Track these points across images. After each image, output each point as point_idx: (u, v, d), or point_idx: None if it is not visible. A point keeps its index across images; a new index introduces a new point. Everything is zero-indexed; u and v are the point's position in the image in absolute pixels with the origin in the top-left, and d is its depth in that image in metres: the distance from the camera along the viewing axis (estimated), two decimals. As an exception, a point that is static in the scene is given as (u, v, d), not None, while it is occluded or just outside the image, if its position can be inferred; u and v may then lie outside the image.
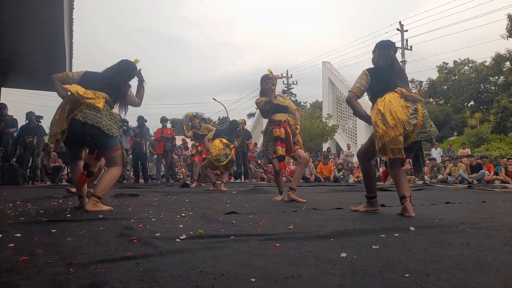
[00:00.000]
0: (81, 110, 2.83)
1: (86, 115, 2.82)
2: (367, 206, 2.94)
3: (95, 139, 2.92)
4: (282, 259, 1.38)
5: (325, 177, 11.49)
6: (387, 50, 2.87)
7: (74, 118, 2.82)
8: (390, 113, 2.56)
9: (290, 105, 4.26)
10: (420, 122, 2.60)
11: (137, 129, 9.50)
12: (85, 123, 2.82)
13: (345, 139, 21.53)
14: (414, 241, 1.74)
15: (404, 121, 2.53)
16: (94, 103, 2.84)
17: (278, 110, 4.15)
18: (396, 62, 2.88)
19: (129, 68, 3.20)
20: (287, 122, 4.14)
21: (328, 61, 24.25)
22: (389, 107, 2.58)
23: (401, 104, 2.59)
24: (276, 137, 4.06)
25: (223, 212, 2.79)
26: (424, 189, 6.53)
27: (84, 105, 2.84)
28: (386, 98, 2.64)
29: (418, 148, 2.85)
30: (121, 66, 3.15)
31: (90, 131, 2.86)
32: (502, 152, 14.39)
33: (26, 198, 3.96)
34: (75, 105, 2.85)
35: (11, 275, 1.17)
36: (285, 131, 4.07)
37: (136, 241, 1.69)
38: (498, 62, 24.54)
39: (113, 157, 2.99)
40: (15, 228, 2.00)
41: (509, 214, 2.86)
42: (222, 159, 6.14)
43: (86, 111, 2.83)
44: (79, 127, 2.84)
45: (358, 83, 2.82)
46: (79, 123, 2.82)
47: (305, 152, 4.73)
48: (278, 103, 4.15)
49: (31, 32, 6.11)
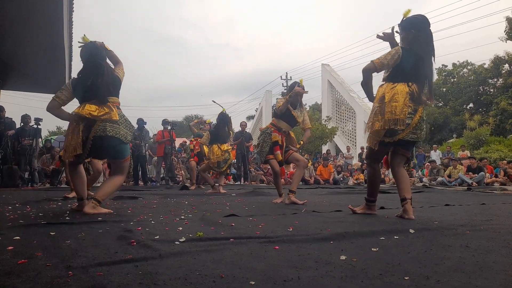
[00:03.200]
0: (98, 125, 2.82)
1: (105, 127, 2.82)
2: (364, 209, 2.95)
3: (114, 149, 2.94)
4: (282, 262, 1.38)
5: (325, 179, 11.48)
6: (426, 31, 2.61)
7: (95, 136, 2.82)
8: (391, 107, 2.56)
9: (304, 122, 4.18)
10: (414, 124, 2.60)
11: (136, 131, 9.49)
12: (105, 136, 2.82)
13: (345, 141, 21.54)
14: (413, 244, 1.74)
15: (399, 119, 2.54)
16: (110, 117, 2.84)
17: (288, 119, 4.11)
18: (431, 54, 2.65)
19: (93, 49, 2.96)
20: (286, 133, 4.16)
21: (327, 63, 24.28)
22: (393, 100, 2.57)
23: (405, 102, 2.57)
24: (275, 141, 4.08)
25: (222, 215, 2.79)
26: (424, 191, 6.53)
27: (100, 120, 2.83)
28: (396, 89, 2.59)
29: (410, 147, 2.86)
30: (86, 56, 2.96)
31: (110, 143, 2.87)
32: (501, 154, 14.42)
33: (25, 201, 3.95)
34: (89, 122, 2.84)
35: (10, 278, 1.17)
36: (281, 139, 4.11)
37: (135, 244, 1.69)
38: (497, 65, 24.62)
39: (123, 167, 3.04)
40: (14, 231, 1.99)
41: (508, 216, 2.86)
42: (222, 165, 6.12)
43: (103, 124, 2.83)
44: (99, 141, 2.86)
45: (385, 59, 2.61)
46: (100, 137, 2.83)
47: (304, 154, 4.73)
48: (293, 114, 4.07)
49: (30, 34, 6.11)
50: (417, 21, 2.65)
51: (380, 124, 2.59)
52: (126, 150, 3.03)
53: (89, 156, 3.11)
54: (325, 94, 23.94)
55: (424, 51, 2.63)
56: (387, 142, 2.68)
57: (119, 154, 2.99)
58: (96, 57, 2.95)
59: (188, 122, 46.47)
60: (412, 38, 2.64)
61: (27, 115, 8.29)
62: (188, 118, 48.16)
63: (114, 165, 3.08)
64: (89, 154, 3.01)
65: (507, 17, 20.83)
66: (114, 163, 3.07)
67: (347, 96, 21.87)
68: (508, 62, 23.70)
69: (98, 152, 3.06)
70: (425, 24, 2.65)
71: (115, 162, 3.05)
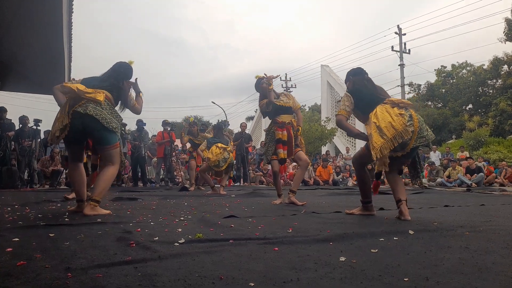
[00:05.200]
0: (81, 104, 2.83)
1: (87, 107, 2.81)
2: (362, 210, 2.96)
3: (94, 132, 2.88)
4: (281, 263, 1.38)
5: (324, 180, 11.47)
6: (361, 75, 3.00)
7: (75, 111, 2.81)
8: (386, 125, 2.56)
9: (294, 104, 4.17)
10: (417, 128, 2.61)
11: (136, 132, 9.49)
12: (85, 114, 2.79)
13: (344, 142, 21.56)
14: (413, 245, 1.74)
15: (402, 131, 2.54)
16: (95, 97, 2.84)
17: (282, 111, 4.07)
18: (372, 81, 2.98)
19: (125, 68, 3.19)
20: (290, 124, 4.10)
21: (326, 65, 24.34)
22: (384, 119, 2.59)
23: (395, 113, 2.60)
24: (278, 139, 4.03)
25: (222, 216, 2.79)
26: (423, 193, 6.53)
27: (85, 99, 2.83)
28: (377, 111, 2.66)
29: (415, 154, 2.86)
30: (116, 67, 3.15)
31: (90, 124, 2.83)
32: (501, 155, 14.42)
33: (25, 202, 3.94)
34: (75, 101, 2.85)
35: (9, 279, 1.17)
36: (288, 134, 4.04)
37: (134, 245, 1.68)
38: (496, 66, 24.64)
39: (111, 155, 2.93)
40: (13, 232, 1.99)
41: (507, 217, 2.86)
42: (221, 164, 6.11)
43: (87, 104, 2.82)
44: (79, 120, 2.82)
45: (343, 105, 2.88)
46: (79, 115, 2.81)
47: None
48: (282, 104, 4.05)
49: (30, 35, 6.11)
50: (352, 71, 3.09)
51: (389, 145, 2.55)
52: (110, 136, 2.91)
53: (81, 145, 3.09)
54: (325, 95, 23.97)
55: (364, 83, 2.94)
56: (400, 156, 2.69)
57: (104, 140, 2.89)
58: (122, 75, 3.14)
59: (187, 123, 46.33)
60: (353, 83, 3.02)
61: (24, 116, 8.27)
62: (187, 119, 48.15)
63: (102, 153, 3.00)
64: (79, 142, 3.01)
65: (506, 18, 20.86)
66: (101, 150, 2.98)
67: (346, 97, 21.83)
68: (507, 63, 23.71)
69: (82, 136, 2.98)
70: (357, 70, 3.08)
71: (101, 149, 2.95)
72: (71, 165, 3.10)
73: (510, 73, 23.35)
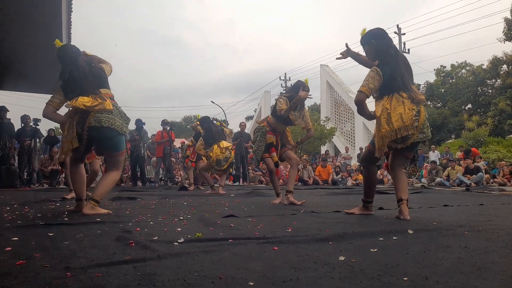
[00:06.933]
0: (93, 116, 2.80)
1: (100, 118, 2.80)
2: (361, 210, 2.96)
3: (109, 141, 2.92)
4: (281, 263, 1.38)
5: (323, 180, 11.48)
6: (388, 41, 2.71)
7: (90, 126, 2.80)
8: (396, 114, 2.56)
9: (306, 123, 4.05)
10: (420, 124, 2.62)
11: (135, 131, 9.48)
12: (101, 127, 2.81)
13: (343, 142, 21.57)
14: (412, 244, 1.74)
15: (409, 125, 2.54)
16: (104, 107, 2.82)
17: (285, 120, 4.03)
18: (399, 52, 2.74)
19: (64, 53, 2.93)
20: (281, 133, 4.17)
21: (326, 64, 24.33)
22: (397, 108, 2.57)
23: (408, 107, 2.58)
24: (270, 143, 4.10)
25: (221, 215, 2.79)
26: (422, 192, 6.54)
27: (93, 111, 2.81)
28: (394, 98, 2.61)
29: (416, 149, 2.88)
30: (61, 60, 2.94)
31: (107, 133, 2.86)
32: (500, 155, 14.42)
33: (24, 201, 3.94)
34: (83, 114, 2.83)
35: (8, 279, 1.16)
36: (276, 139, 4.13)
37: (134, 244, 1.68)
38: (495, 65, 24.67)
39: (118, 161, 3.00)
40: (12, 232, 1.99)
41: (507, 217, 2.86)
42: (223, 163, 6.08)
43: (98, 115, 2.81)
44: (95, 133, 2.84)
45: (370, 83, 2.62)
46: (96, 129, 2.81)
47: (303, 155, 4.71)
48: (291, 118, 3.94)
49: (29, 35, 6.11)
50: (374, 32, 2.76)
51: (391, 135, 2.56)
52: (122, 142, 2.99)
53: (87, 150, 3.07)
54: (324, 94, 23.98)
55: (392, 54, 2.69)
56: (400, 148, 2.69)
57: (116, 147, 2.95)
58: (69, 53, 2.91)
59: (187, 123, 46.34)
60: (375, 48, 2.72)
61: (26, 115, 8.28)
62: (187, 119, 48.09)
63: (110, 159, 3.05)
64: (86, 148, 2.98)
65: (506, 18, 20.89)
66: (110, 156, 3.04)
67: (345, 97, 21.90)
68: (507, 62, 23.74)
69: (95, 145, 3.04)
70: (381, 32, 2.76)
71: (111, 155, 3.01)
72: (72, 165, 3.11)
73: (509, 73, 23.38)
